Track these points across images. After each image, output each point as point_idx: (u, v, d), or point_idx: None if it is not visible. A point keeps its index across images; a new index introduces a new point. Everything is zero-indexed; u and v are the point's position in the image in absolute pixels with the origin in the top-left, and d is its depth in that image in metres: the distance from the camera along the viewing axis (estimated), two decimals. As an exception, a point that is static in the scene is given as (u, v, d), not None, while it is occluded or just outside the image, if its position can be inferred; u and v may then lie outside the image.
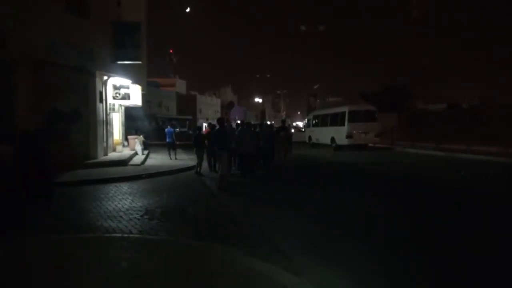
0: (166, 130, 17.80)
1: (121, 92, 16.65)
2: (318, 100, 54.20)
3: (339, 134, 22.21)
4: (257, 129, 13.63)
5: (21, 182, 6.92)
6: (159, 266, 4.19)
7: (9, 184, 7.08)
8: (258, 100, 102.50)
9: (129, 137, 20.04)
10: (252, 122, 16.60)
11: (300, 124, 67.20)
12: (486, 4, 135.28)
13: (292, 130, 31.66)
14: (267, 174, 12.48)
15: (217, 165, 9.78)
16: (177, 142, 17.96)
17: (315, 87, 51.50)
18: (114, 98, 16.55)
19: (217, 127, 10.59)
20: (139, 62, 16.29)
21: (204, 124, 34.53)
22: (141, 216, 6.75)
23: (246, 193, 9.34)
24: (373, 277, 4.03)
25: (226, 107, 69.62)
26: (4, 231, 5.80)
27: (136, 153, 17.76)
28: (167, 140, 17.28)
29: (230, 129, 13.24)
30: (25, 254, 4.68)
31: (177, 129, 19.82)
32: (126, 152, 17.81)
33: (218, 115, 72.22)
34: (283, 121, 18.71)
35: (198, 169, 12.50)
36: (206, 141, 12.57)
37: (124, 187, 9.81)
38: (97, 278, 3.91)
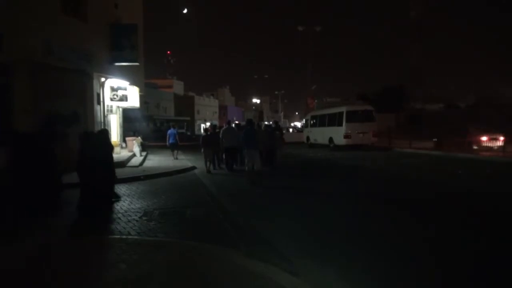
0: (168, 131, 17.99)
1: (119, 93, 16.62)
2: (316, 101, 54.25)
3: (337, 134, 22.23)
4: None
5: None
6: (157, 268, 4.18)
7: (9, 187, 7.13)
8: (256, 101, 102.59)
9: (127, 138, 20.01)
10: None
11: (298, 124, 67.30)
12: (484, 3, 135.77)
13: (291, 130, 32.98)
14: (269, 172, 12.69)
15: (245, 162, 11.07)
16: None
17: (313, 87, 51.57)
18: (111, 99, 16.51)
19: (228, 126, 13.25)
20: (137, 64, 16.30)
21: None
22: (140, 217, 6.74)
23: (245, 193, 9.36)
24: (373, 277, 4.04)
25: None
26: (3, 234, 5.79)
27: (134, 155, 17.73)
28: (171, 141, 17.51)
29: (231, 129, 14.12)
30: (22, 256, 4.66)
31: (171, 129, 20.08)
32: (124, 153, 17.78)
33: (216, 116, 72.36)
34: (276, 122, 19.27)
35: (208, 167, 13.19)
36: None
37: (122, 188, 9.78)
38: (95, 279, 3.90)
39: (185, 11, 79.61)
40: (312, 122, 27.01)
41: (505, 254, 4.70)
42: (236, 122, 18.18)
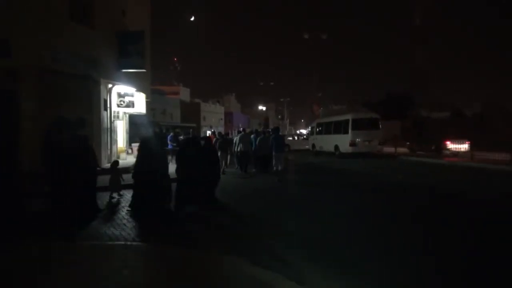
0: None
1: (126, 100, 16.73)
2: (321, 108, 54.32)
3: (343, 142, 22.17)
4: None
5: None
6: (162, 274, 4.17)
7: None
8: (261, 108, 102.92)
9: (133, 144, 20.09)
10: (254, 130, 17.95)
11: (304, 131, 67.41)
12: (488, 8, 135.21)
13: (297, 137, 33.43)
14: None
15: (274, 165, 12.71)
16: None
17: (318, 95, 51.73)
18: (118, 106, 16.62)
19: (244, 133, 15.80)
20: (143, 70, 16.42)
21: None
22: (144, 223, 6.74)
23: (249, 197, 9.34)
24: (377, 282, 4.01)
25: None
26: (6, 237, 5.82)
27: (139, 161, 17.78)
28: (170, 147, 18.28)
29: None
30: (26, 261, 4.67)
31: (181, 137, 20.30)
32: (130, 159, 17.83)
33: (222, 122, 72.58)
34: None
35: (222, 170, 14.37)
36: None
37: (128, 194, 9.78)
38: (99, 285, 3.90)
39: (192, 18, 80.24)
40: (317, 129, 26.98)
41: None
42: (241, 129, 18.48)
